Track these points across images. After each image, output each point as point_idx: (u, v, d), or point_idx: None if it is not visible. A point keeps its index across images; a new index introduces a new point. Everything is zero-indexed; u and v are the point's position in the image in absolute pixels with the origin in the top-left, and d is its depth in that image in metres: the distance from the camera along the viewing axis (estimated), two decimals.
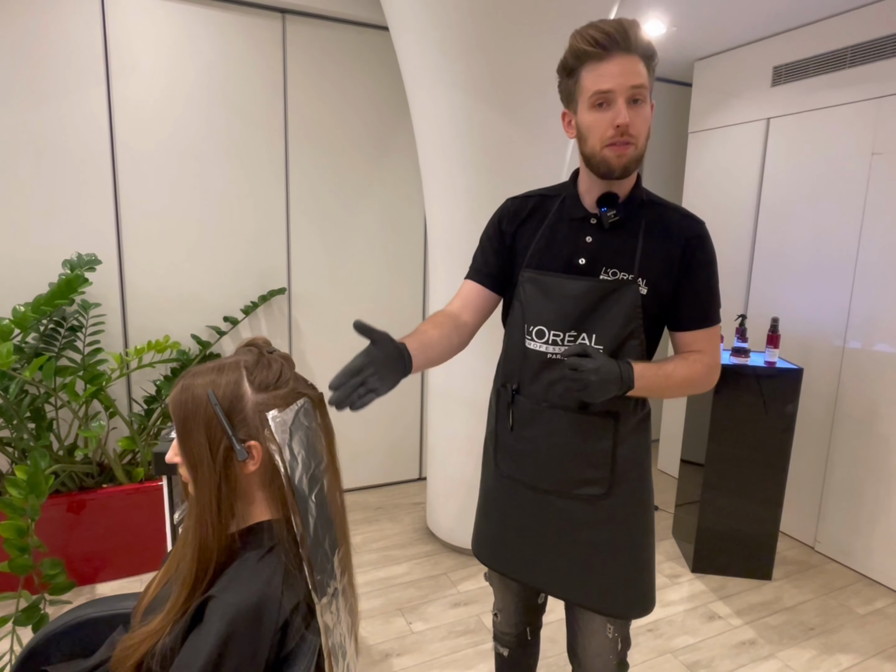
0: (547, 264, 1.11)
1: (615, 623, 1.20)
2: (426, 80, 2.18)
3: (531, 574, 1.21)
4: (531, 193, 1.20)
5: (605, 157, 1.01)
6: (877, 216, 2.37)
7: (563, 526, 1.14)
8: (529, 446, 1.14)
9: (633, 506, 1.15)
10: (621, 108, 0.96)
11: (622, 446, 1.11)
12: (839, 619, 2.19)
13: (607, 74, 0.96)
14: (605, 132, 0.99)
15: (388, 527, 2.77)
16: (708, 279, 1.10)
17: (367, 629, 2.05)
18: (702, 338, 1.11)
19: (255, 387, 0.81)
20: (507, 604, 1.37)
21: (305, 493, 0.83)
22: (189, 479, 0.81)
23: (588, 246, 1.09)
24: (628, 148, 0.99)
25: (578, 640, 1.26)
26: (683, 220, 1.10)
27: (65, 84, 2.28)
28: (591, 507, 1.12)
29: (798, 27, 2.63)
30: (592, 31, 0.97)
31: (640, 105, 0.98)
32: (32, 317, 2.02)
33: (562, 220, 1.13)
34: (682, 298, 1.09)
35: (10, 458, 2.20)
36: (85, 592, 2.19)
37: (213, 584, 0.78)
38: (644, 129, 1.00)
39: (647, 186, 1.18)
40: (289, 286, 2.81)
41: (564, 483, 1.12)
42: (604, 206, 1.06)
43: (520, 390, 1.15)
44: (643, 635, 2.06)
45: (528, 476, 1.16)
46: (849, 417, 2.52)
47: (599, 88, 0.97)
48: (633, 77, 0.96)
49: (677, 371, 1.07)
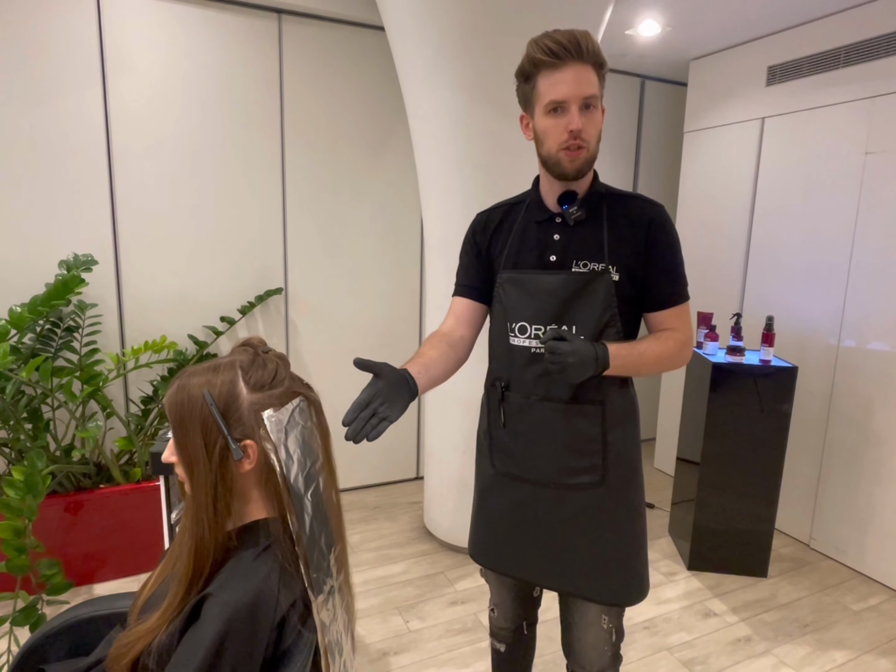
0: (522, 264, 1.18)
1: (610, 614, 1.22)
2: (422, 79, 2.18)
3: (529, 570, 1.23)
4: (498, 205, 1.27)
5: (560, 159, 1.08)
6: (870, 215, 2.38)
7: (560, 516, 1.17)
8: (523, 440, 1.18)
9: (625, 493, 1.18)
10: (574, 115, 1.03)
11: (612, 433, 1.15)
12: (834, 615, 2.20)
13: (561, 83, 1.03)
14: (559, 136, 1.06)
15: (386, 526, 2.78)
16: (672, 259, 1.15)
17: (365, 628, 2.05)
18: (672, 316, 1.16)
19: (250, 386, 0.82)
20: (504, 598, 1.39)
21: (301, 492, 0.83)
22: (185, 479, 0.81)
23: (557, 243, 1.15)
24: (581, 152, 1.07)
25: (574, 633, 1.28)
26: (643, 205, 1.16)
27: (61, 84, 2.28)
28: (586, 496, 1.16)
29: (792, 27, 2.65)
30: (547, 41, 1.04)
31: (592, 111, 1.06)
32: (29, 317, 2.02)
33: (529, 223, 1.20)
34: (650, 280, 1.14)
35: (6, 458, 2.21)
36: (82, 593, 2.19)
37: (209, 582, 0.79)
38: (595, 133, 1.07)
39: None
40: (285, 286, 2.82)
41: (560, 474, 1.16)
42: (565, 204, 1.13)
43: (509, 386, 1.19)
44: (639, 632, 2.07)
45: (524, 470, 1.19)
46: (843, 415, 2.53)
47: (554, 98, 1.04)
48: (586, 87, 1.03)
49: (651, 349, 1.12)
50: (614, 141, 3.49)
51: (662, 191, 3.65)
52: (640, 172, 3.58)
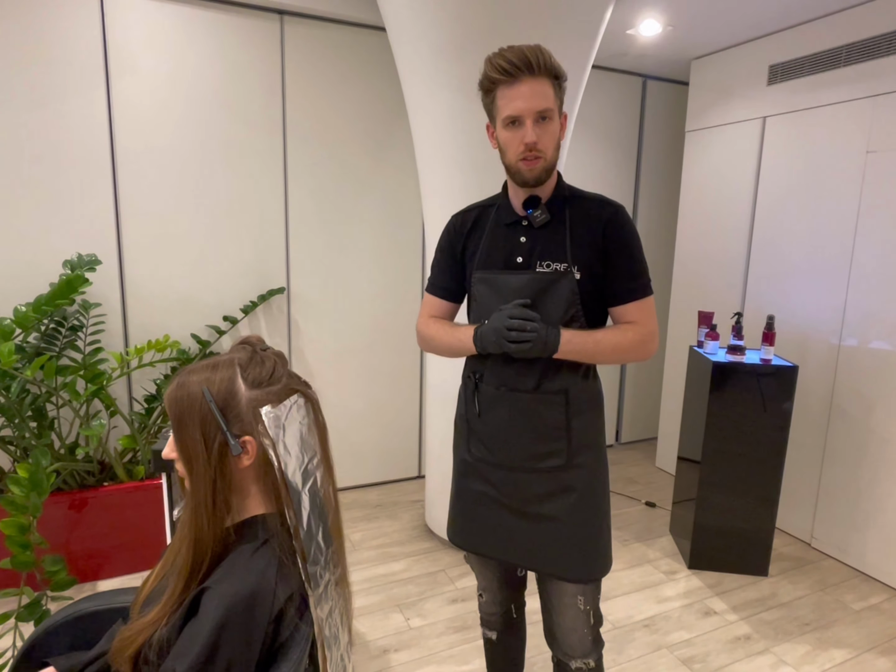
0: (492, 265, 1.25)
1: (585, 594, 1.28)
2: (423, 80, 2.20)
3: (505, 549, 1.30)
4: (472, 206, 1.36)
5: (519, 169, 1.15)
6: (872, 214, 2.38)
7: (531, 498, 1.24)
8: (495, 428, 1.25)
9: (590, 475, 1.25)
10: (528, 129, 1.11)
11: (576, 419, 1.22)
12: (834, 614, 2.20)
13: (517, 98, 1.10)
14: (517, 148, 1.13)
15: (387, 524, 2.79)
16: (630, 255, 1.21)
17: (366, 625, 2.07)
18: (633, 309, 1.22)
19: (248, 383, 0.83)
20: (490, 581, 1.44)
21: (298, 487, 0.85)
22: (185, 474, 0.83)
23: (523, 245, 1.22)
24: (538, 162, 1.14)
25: (553, 618, 1.33)
26: (601, 206, 1.22)
27: (65, 86, 2.30)
28: (553, 479, 1.23)
29: (793, 26, 2.65)
30: (500, 61, 1.10)
31: (547, 122, 1.12)
32: (34, 317, 2.04)
33: (499, 225, 1.27)
34: (609, 276, 1.20)
35: (11, 456, 2.23)
36: (86, 589, 2.21)
37: (208, 576, 0.80)
38: (551, 143, 1.14)
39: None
40: (288, 286, 2.83)
41: (529, 458, 1.23)
42: (529, 209, 1.21)
43: (482, 378, 1.26)
44: (639, 630, 2.08)
45: (496, 456, 1.26)
46: (844, 414, 2.53)
47: (509, 113, 1.11)
48: (538, 101, 1.10)
49: (607, 338, 1.18)
50: (616, 140, 3.49)
51: (664, 190, 3.65)
52: (642, 172, 3.58)
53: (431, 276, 1.41)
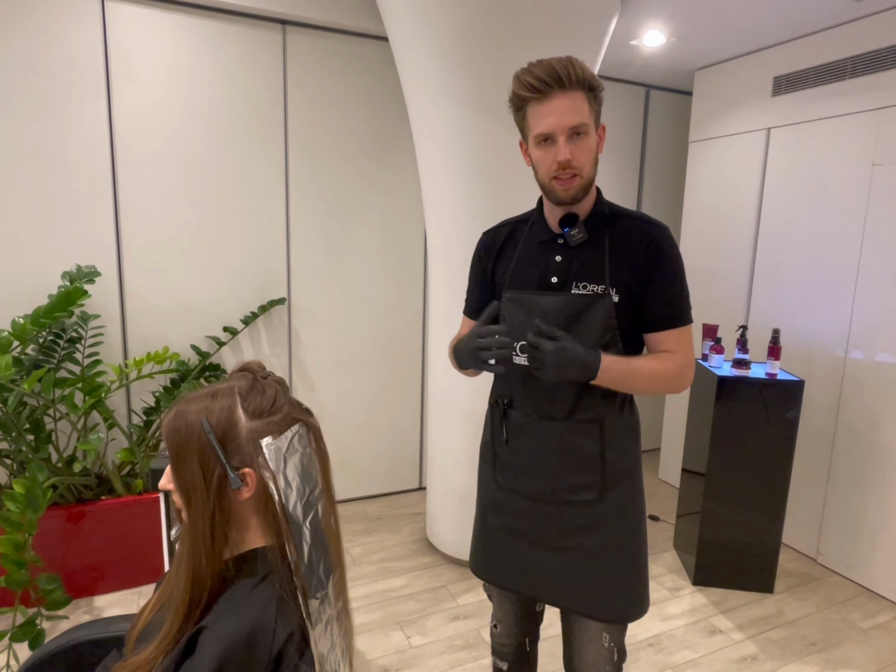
0: (524, 284, 1.19)
1: (611, 631, 1.22)
2: (426, 91, 2.18)
3: (529, 584, 1.23)
4: (504, 223, 1.29)
5: (553, 188, 1.09)
6: (878, 227, 2.36)
7: (559, 532, 1.18)
8: (524, 457, 1.19)
9: (625, 509, 1.18)
10: (561, 146, 1.04)
11: (610, 450, 1.15)
12: (841, 633, 2.17)
13: (548, 115, 1.04)
14: (549, 167, 1.08)
15: (388, 538, 2.76)
16: (673, 281, 1.14)
17: (366, 643, 2.03)
18: (671, 337, 1.14)
19: (249, 413, 0.81)
20: (506, 613, 1.38)
21: (300, 520, 0.82)
22: (182, 507, 0.80)
23: (558, 264, 1.16)
24: (574, 180, 1.07)
25: (575, 651, 1.28)
26: (645, 226, 1.15)
27: (65, 95, 2.29)
28: (585, 512, 1.16)
29: (798, 38, 2.63)
30: (528, 77, 1.04)
31: (583, 138, 1.06)
32: (32, 329, 2.02)
33: (532, 243, 1.21)
34: (650, 301, 1.13)
35: (8, 470, 2.20)
36: (82, 605, 2.18)
37: (206, 613, 0.78)
38: (587, 160, 1.07)
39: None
40: (288, 296, 2.81)
41: (559, 490, 1.17)
42: (566, 227, 1.14)
43: (511, 404, 1.20)
44: (644, 650, 2.04)
45: (525, 487, 1.19)
46: (850, 428, 2.50)
47: (541, 131, 1.06)
48: (571, 117, 1.03)
49: (646, 367, 1.11)
50: (619, 150, 3.48)
51: (667, 201, 3.64)
52: (645, 182, 3.56)
53: (466, 300, 1.35)
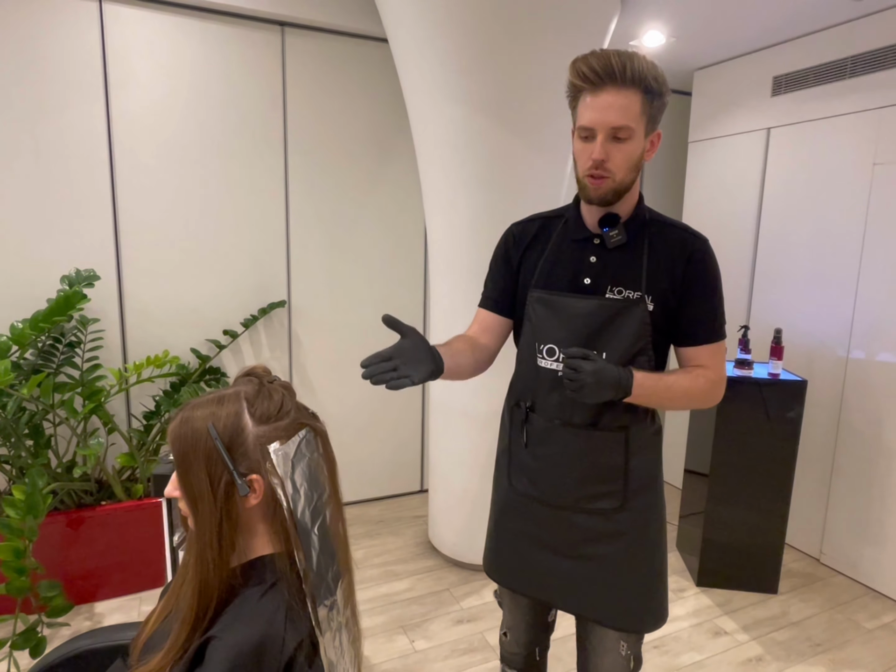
0: (554, 284, 1.14)
1: (628, 640, 1.20)
2: (426, 92, 2.17)
3: (545, 590, 1.21)
4: (534, 217, 1.23)
5: (585, 185, 1.06)
6: (879, 226, 2.36)
7: (578, 540, 1.15)
8: (544, 464, 1.16)
9: (646, 519, 1.16)
10: (598, 144, 1.01)
11: (634, 460, 1.13)
12: (846, 633, 2.16)
13: (594, 109, 1.00)
14: (585, 163, 1.05)
15: (390, 541, 2.75)
16: (711, 295, 1.12)
17: (370, 648, 2.02)
18: (705, 353, 1.12)
19: (256, 419, 0.80)
20: (518, 622, 1.36)
21: (308, 526, 0.81)
22: (188, 514, 0.79)
23: (593, 266, 1.11)
24: (604, 181, 1.04)
25: (591, 658, 1.25)
26: (686, 236, 1.12)
27: (63, 98, 2.27)
28: (605, 521, 1.14)
29: (798, 37, 2.63)
30: (583, 66, 1.00)
31: (625, 142, 1.01)
32: (30, 334, 2.00)
33: (566, 240, 1.16)
34: (686, 314, 1.10)
35: (7, 475, 2.18)
36: (83, 611, 2.16)
37: (214, 622, 0.76)
38: (624, 164, 1.03)
39: (647, 196, 1.20)
40: (289, 299, 2.80)
41: (579, 498, 1.14)
42: (605, 227, 1.09)
43: (533, 408, 1.17)
44: (649, 652, 2.03)
45: (543, 493, 1.17)
46: (853, 428, 2.50)
47: (582, 124, 1.03)
48: (616, 116, 0.99)
49: (679, 383, 1.08)
50: None
51: (667, 201, 3.63)
52: (645, 182, 3.56)
53: (484, 291, 1.27)
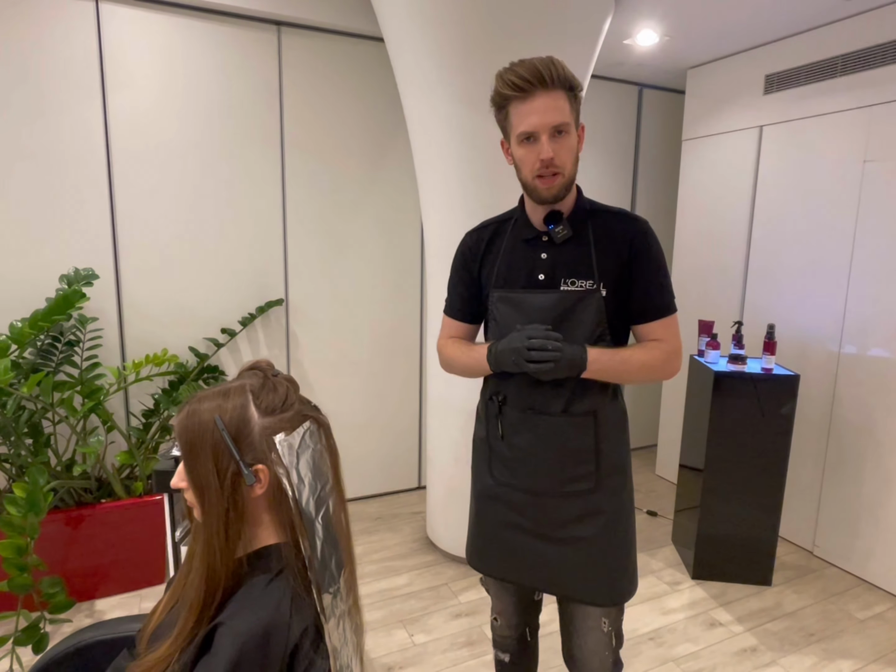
0: (511, 283, 1.21)
1: (609, 616, 1.25)
2: (422, 91, 2.19)
3: (527, 574, 1.26)
4: (487, 223, 1.30)
5: (536, 186, 1.12)
6: (870, 223, 2.39)
7: (558, 523, 1.21)
8: (521, 453, 1.21)
9: (618, 498, 1.22)
10: (544, 145, 1.06)
11: (604, 442, 1.19)
12: (839, 624, 2.19)
13: (531, 114, 1.06)
14: (533, 165, 1.10)
15: (388, 537, 2.77)
16: (656, 272, 1.17)
17: (370, 642, 2.04)
18: (659, 328, 1.18)
19: (261, 410, 0.81)
20: (506, 605, 1.40)
21: (312, 516, 0.83)
22: (195, 505, 0.81)
23: (545, 262, 1.18)
24: (556, 178, 1.10)
25: (575, 640, 1.30)
26: (626, 221, 1.19)
27: (60, 98, 2.28)
28: (582, 502, 1.20)
29: (789, 36, 2.66)
30: (511, 76, 1.06)
31: (564, 137, 1.08)
32: (30, 332, 2.01)
33: (517, 241, 1.23)
34: (636, 294, 1.17)
35: (7, 474, 2.19)
36: (84, 608, 2.17)
37: (220, 610, 0.78)
38: (569, 158, 1.10)
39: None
40: (286, 297, 2.81)
41: (557, 483, 1.19)
42: (550, 224, 1.16)
43: (506, 401, 1.22)
44: (645, 644, 2.06)
45: (522, 481, 1.22)
46: (845, 422, 2.54)
47: (524, 130, 1.08)
48: (553, 116, 1.06)
49: (634, 356, 1.15)
50: (612, 149, 3.50)
51: (661, 199, 3.66)
52: (639, 180, 3.59)
53: (448, 298, 1.35)
